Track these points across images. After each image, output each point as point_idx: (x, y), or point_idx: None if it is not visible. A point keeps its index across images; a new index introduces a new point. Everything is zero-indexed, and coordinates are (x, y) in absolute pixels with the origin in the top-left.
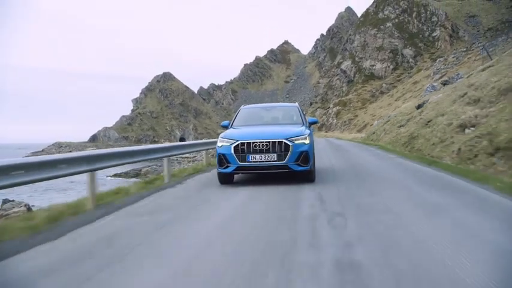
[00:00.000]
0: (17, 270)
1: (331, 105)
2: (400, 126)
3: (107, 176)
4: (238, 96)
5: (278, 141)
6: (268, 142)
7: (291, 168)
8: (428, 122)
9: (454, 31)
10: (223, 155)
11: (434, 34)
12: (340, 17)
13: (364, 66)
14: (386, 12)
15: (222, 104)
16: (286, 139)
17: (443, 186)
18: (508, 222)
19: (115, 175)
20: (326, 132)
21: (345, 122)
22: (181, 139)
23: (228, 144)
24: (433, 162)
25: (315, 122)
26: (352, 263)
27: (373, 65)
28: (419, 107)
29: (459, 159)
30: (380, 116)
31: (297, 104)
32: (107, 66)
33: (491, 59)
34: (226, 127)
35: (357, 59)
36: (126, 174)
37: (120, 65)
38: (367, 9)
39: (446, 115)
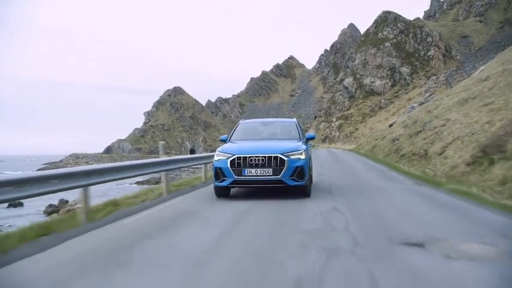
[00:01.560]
0: (139, 221)
1: (334, 119)
2: (376, 139)
3: (130, 184)
4: (246, 109)
5: (274, 156)
6: (264, 157)
7: (286, 183)
8: (384, 137)
9: (447, 51)
10: (220, 168)
11: (429, 53)
12: (343, 33)
13: (364, 82)
14: (385, 33)
15: (230, 117)
16: (282, 154)
17: (362, 161)
18: (368, 165)
19: (137, 183)
20: (329, 144)
21: (346, 134)
22: (192, 151)
23: (225, 158)
24: (367, 156)
25: (312, 138)
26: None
27: (373, 82)
28: (390, 126)
29: (384, 156)
30: (378, 129)
31: (294, 119)
32: (116, 78)
33: (451, 87)
34: (224, 141)
35: (358, 76)
36: (147, 182)
37: (128, 78)
38: (368, 29)
39: (392, 133)
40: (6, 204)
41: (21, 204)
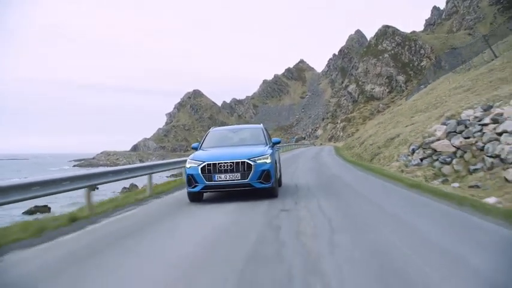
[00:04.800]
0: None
1: (339, 121)
2: (352, 140)
3: (167, 176)
4: (259, 110)
5: (241, 161)
6: (232, 162)
7: (253, 186)
8: (352, 139)
9: (438, 62)
10: (192, 175)
11: (422, 64)
12: (351, 39)
13: (366, 89)
14: (384, 45)
15: (245, 117)
16: (249, 159)
17: (329, 150)
18: (329, 152)
19: (172, 175)
20: (334, 142)
21: (348, 134)
22: None
23: (196, 165)
24: (337, 148)
25: (278, 142)
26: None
27: (373, 88)
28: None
29: (345, 149)
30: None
31: (261, 125)
32: (136, 80)
33: (407, 100)
34: (196, 149)
35: (360, 83)
36: (181, 174)
37: (147, 80)
38: (369, 41)
39: (354, 136)
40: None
41: (97, 188)
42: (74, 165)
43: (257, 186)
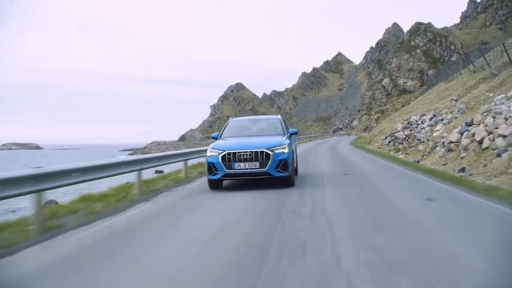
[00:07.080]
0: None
1: (373, 113)
2: (372, 131)
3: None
4: (298, 102)
5: (260, 151)
6: (251, 152)
7: (271, 175)
8: (373, 130)
9: (467, 57)
10: (212, 163)
11: (452, 59)
12: (387, 32)
13: (398, 83)
14: (416, 41)
15: (285, 109)
16: (267, 149)
17: (352, 138)
18: (350, 139)
19: None
20: (368, 132)
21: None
22: None
23: (216, 153)
24: (360, 136)
25: (295, 133)
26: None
27: (405, 82)
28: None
29: (367, 137)
30: None
31: (279, 116)
32: (181, 73)
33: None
34: (216, 138)
35: (393, 77)
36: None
37: (191, 72)
38: (403, 37)
39: (375, 127)
40: (153, 170)
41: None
42: (128, 154)
43: (275, 174)
